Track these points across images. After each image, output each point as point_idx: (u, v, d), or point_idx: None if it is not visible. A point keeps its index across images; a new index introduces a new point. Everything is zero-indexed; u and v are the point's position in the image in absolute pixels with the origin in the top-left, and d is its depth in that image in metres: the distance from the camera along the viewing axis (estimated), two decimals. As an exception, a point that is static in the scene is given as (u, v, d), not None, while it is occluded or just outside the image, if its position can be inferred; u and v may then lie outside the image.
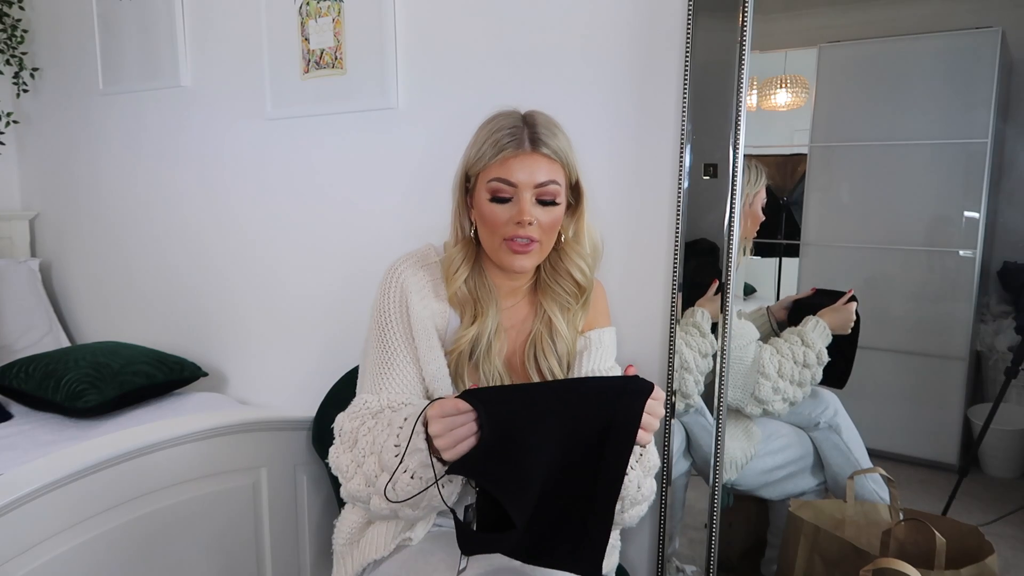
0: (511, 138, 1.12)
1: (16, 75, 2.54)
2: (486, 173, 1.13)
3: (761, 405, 1.48)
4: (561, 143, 1.15)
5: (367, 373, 1.20)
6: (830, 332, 1.46)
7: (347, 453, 1.10)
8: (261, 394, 2.22)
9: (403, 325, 1.17)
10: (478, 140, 1.16)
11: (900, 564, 1.11)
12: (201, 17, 2.16)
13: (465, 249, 1.20)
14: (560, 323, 1.21)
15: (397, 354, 1.17)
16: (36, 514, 1.16)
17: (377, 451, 1.04)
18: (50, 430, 1.88)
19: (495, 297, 1.20)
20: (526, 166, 1.11)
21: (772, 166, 1.55)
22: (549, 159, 1.13)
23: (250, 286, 2.19)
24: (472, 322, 1.17)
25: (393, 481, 0.99)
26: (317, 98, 1.93)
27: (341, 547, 1.26)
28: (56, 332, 2.55)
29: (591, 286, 1.24)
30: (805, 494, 1.53)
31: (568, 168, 1.16)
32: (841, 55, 1.52)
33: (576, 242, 1.22)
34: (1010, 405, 1.40)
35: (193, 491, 1.40)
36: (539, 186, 1.12)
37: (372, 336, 1.20)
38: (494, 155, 1.12)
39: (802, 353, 1.46)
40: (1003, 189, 1.35)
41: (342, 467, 1.10)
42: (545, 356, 1.20)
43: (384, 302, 1.19)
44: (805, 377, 1.47)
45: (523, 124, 1.14)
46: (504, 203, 1.12)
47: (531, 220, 1.11)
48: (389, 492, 1.00)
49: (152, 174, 2.36)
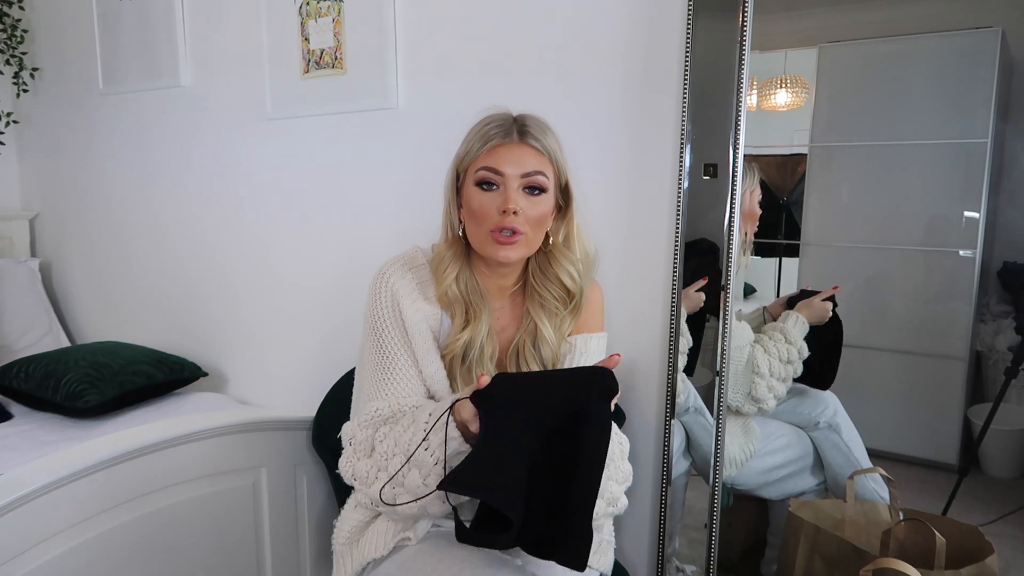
0: (499, 130, 1.14)
1: (16, 75, 2.54)
2: (474, 164, 1.15)
3: (757, 404, 1.49)
4: (550, 142, 1.16)
5: (367, 379, 1.19)
6: (807, 326, 1.49)
7: (364, 460, 1.12)
8: (261, 394, 2.22)
9: (398, 328, 1.17)
10: (468, 138, 1.18)
11: (900, 564, 1.11)
12: (201, 17, 2.15)
13: (454, 248, 1.20)
14: (546, 328, 1.21)
15: (396, 357, 1.17)
16: (36, 514, 1.16)
17: (404, 450, 1.06)
18: (50, 430, 1.88)
19: (487, 300, 1.20)
20: (513, 155, 1.12)
21: (772, 166, 1.55)
22: (537, 151, 1.14)
23: (250, 286, 2.19)
24: (465, 325, 1.18)
25: (424, 477, 1.04)
26: (317, 98, 1.93)
27: (341, 546, 1.26)
28: (56, 332, 2.55)
29: (580, 292, 1.23)
30: (805, 494, 1.53)
31: (557, 166, 1.17)
32: (841, 55, 1.52)
33: (566, 247, 1.22)
34: (1010, 405, 1.40)
35: (193, 491, 1.40)
36: (526, 175, 1.13)
37: (368, 342, 1.20)
38: (481, 146, 1.14)
39: (786, 351, 1.49)
40: (1003, 189, 1.35)
41: (360, 474, 1.12)
42: (528, 362, 1.21)
43: (376, 307, 1.19)
44: (788, 373, 1.49)
45: (512, 121, 1.16)
46: (490, 190, 1.13)
47: (516, 209, 1.11)
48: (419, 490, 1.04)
49: (152, 174, 2.36)
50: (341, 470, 1.16)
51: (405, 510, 1.08)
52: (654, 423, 1.55)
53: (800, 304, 1.50)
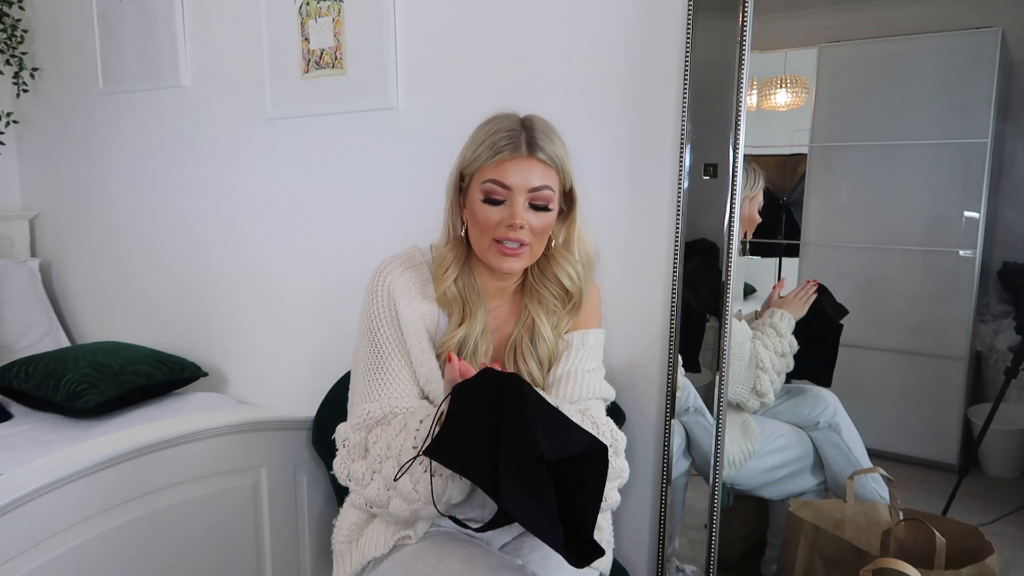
0: (508, 141, 1.13)
1: (16, 75, 2.54)
2: (481, 174, 1.14)
3: (760, 397, 1.50)
4: (558, 149, 1.15)
5: (360, 379, 1.20)
6: (792, 319, 1.51)
7: (359, 462, 1.13)
8: (261, 394, 2.22)
9: (393, 328, 1.18)
10: (475, 140, 1.17)
11: (900, 564, 1.11)
12: (201, 17, 2.15)
13: (456, 249, 1.20)
14: (544, 326, 1.22)
15: (390, 358, 1.17)
16: (36, 514, 1.16)
17: (395, 455, 1.06)
18: (50, 430, 1.88)
19: (484, 299, 1.21)
20: (521, 170, 1.12)
21: (772, 166, 1.55)
22: (544, 164, 1.13)
23: (250, 286, 2.19)
24: (460, 323, 1.18)
25: (414, 482, 1.04)
26: (317, 98, 1.93)
27: (340, 545, 1.26)
28: (56, 332, 2.55)
29: (579, 293, 1.24)
30: (805, 494, 1.53)
31: (563, 174, 1.16)
32: (841, 55, 1.52)
33: (566, 248, 1.23)
34: (1010, 405, 1.40)
35: (193, 491, 1.40)
36: (533, 191, 1.12)
37: (363, 341, 1.21)
38: (490, 157, 1.12)
39: (779, 344, 1.50)
40: (1003, 189, 1.35)
41: (356, 475, 1.12)
42: (525, 359, 1.21)
43: (372, 306, 1.19)
44: (783, 366, 1.51)
45: (521, 128, 1.15)
46: (497, 205, 1.13)
47: (523, 224, 1.11)
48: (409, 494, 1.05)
49: (152, 174, 2.35)
50: (336, 471, 1.16)
51: (398, 514, 1.09)
52: (654, 423, 1.55)
53: (781, 301, 1.53)
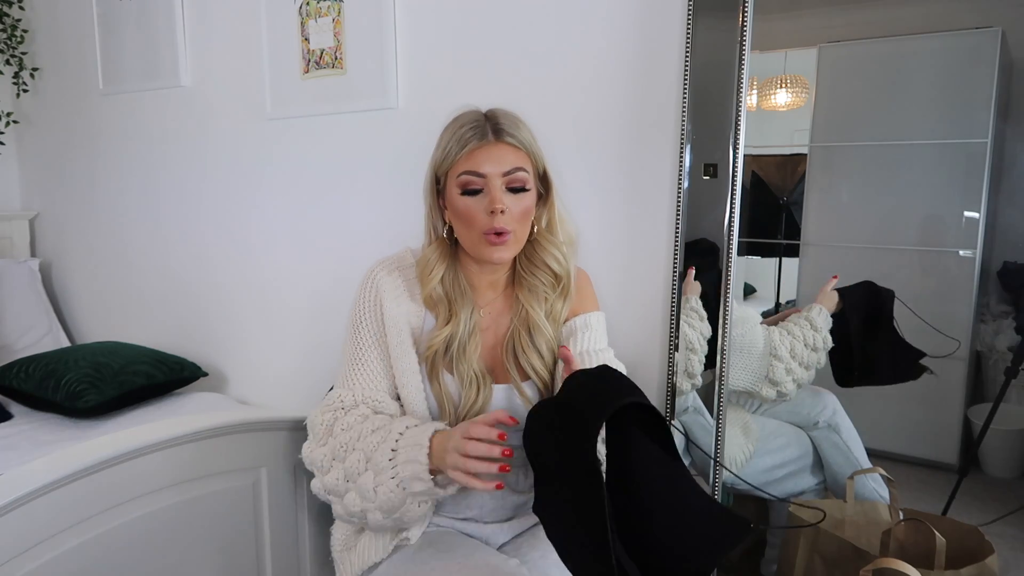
0: (474, 131, 1.14)
1: (16, 75, 2.54)
2: (454, 169, 1.15)
3: (775, 387, 1.49)
4: (524, 134, 1.17)
5: (341, 369, 1.24)
6: (830, 317, 1.49)
7: (321, 447, 1.15)
8: (261, 394, 2.22)
9: (376, 325, 1.21)
10: (442, 140, 1.19)
11: (900, 564, 1.11)
12: (201, 17, 2.15)
13: (439, 249, 1.22)
14: (538, 316, 1.22)
15: (368, 352, 1.21)
16: (36, 514, 1.16)
17: (365, 448, 1.07)
18: (50, 430, 1.88)
19: (470, 298, 1.22)
20: (492, 156, 1.13)
21: (772, 166, 1.55)
22: (514, 148, 1.15)
23: (250, 286, 2.18)
24: (446, 322, 1.19)
25: (377, 484, 1.06)
26: (317, 98, 1.93)
27: (339, 554, 1.29)
28: (56, 332, 2.54)
29: (567, 275, 1.25)
30: (805, 494, 1.52)
31: (534, 157, 1.18)
32: (841, 55, 1.52)
33: (549, 232, 1.24)
34: (1010, 405, 1.40)
35: (193, 491, 1.40)
36: (507, 174, 1.14)
37: (348, 335, 1.25)
38: (460, 150, 1.14)
39: (812, 337, 1.48)
40: (1003, 189, 1.35)
41: (316, 460, 1.15)
42: (525, 353, 1.21)
43: (360, 304, 1.23)
44: (813, 360, 1.49)
45: (484, 119, 1.17)
46: (475, 195, 1.14)
47: (503, 207, 1.12)
48: (367, 492, 1.07)
49: (152, 174, 2.35)
50: (303, 455, 1.19)
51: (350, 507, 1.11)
52: (654, 423, 1.54)
53: (818, 297, 1.51)
